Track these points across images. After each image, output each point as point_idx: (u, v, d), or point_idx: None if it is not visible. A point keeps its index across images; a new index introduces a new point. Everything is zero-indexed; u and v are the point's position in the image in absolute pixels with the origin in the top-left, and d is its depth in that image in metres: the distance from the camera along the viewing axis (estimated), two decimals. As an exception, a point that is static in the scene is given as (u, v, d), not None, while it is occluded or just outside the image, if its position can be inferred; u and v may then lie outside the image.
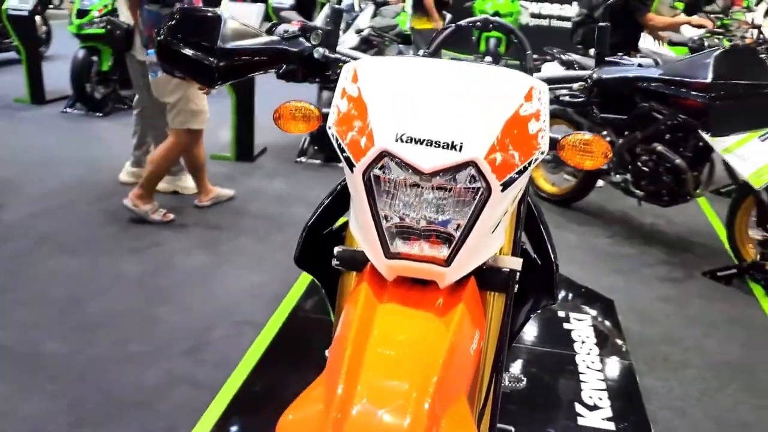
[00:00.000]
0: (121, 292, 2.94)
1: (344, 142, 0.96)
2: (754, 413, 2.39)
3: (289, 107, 1.10)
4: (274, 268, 3.23)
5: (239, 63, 1.18)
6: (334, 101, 1.02)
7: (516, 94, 0.96)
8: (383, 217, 0.94)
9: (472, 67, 1.01)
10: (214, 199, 4.00)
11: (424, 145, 0.90)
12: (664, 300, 3.20)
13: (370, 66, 1.03)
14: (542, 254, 1.28)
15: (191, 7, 1.30)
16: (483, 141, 0.91)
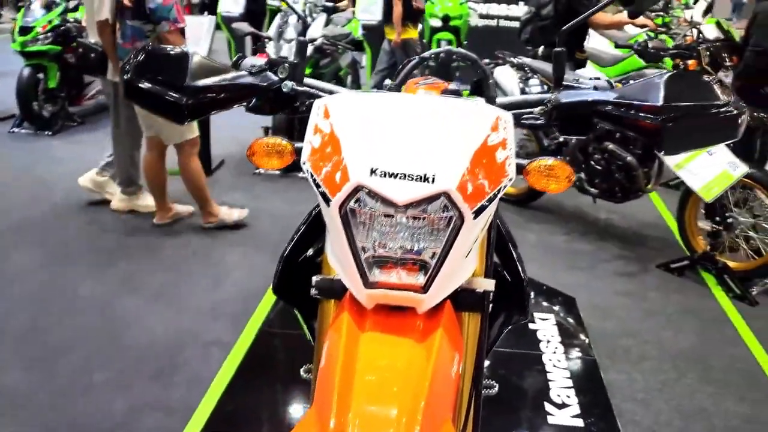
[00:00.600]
0: (82, 317, 2.88)
1: (319, 177, 0.98)
2: (711, 400, 2.50)
3: (262, 143, 1.11)
4: (237, 284, 3.21)
5: (208, 100, 1.18)
6: (306, 137, 1.04)
7: (483, 125, 1.00)
8: (361, 249, 0.97)
9: (440, 101, 1.05)
10: (174, 217, 3.95)
11: (398, 178, 0.93)
12: (622, 294, 3.31)
13: (341, 102, 1.05)
14: (511, 271, 1.32)
15: (156, 45, 1.29)
16: (454, 172, 0.94)
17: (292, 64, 1.26)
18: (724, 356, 2.81)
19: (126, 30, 3.46)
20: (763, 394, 2.55)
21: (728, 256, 3.49)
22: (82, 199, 4.21)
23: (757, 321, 3.08)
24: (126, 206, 4.06)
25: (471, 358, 1.14)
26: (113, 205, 4.08)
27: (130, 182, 4.03)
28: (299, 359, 2.46)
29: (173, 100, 1.15)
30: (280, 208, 4.20)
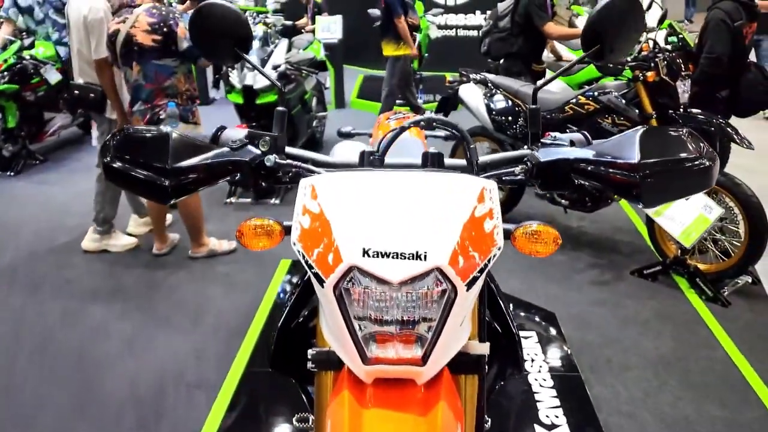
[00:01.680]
0: (56, 370, 2.81)
1: (311, 259, 0.98)
2: (693, 406, 2.55)
3: (250, 226, 1.12)
4: (215, 323, 3.18)
5: (191, 180, 1.17)
6: (295, 217, 1.05)
7: (469, 197, 1.02)
8: (357, 327, 0.98)
9: (425, 177, 1.06)
10: (171, 245, 4.02)
11: (391, 257, 0.94)
12: (598, 304, 3.36)
13: (328, 182, 1.07)
14: (502, 325, 1.34)
15: (135, 127, 1.27)
16: (445, 247, 0.95)
17: (273, 136, 1.26)
18: (702, 359, 2.87)
19: (148, 71, 3.46)
20: (741, 396, 2.62)
21: (698, 259, 3.58)
22: (50, 241, 4.13)
23: (730, 322, 3.16)
24: (98, 246, 4.00)
25: (471, 419, 1.16)
26: (84, 245, 4.01)
27: (104, 221, 3.98)
28: (288, 401, 2.48)
29: (157, 183, 1.14)
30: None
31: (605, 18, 1.26)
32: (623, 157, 1.12)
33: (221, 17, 1.30)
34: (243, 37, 1.33)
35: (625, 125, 3.68)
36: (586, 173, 1.17)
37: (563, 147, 1.24)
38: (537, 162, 1.21)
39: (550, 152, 1.23)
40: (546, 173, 1.21)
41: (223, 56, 1.35)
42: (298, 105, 5.26)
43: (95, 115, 3.97)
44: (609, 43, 1.27)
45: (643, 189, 1.10)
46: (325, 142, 6.51)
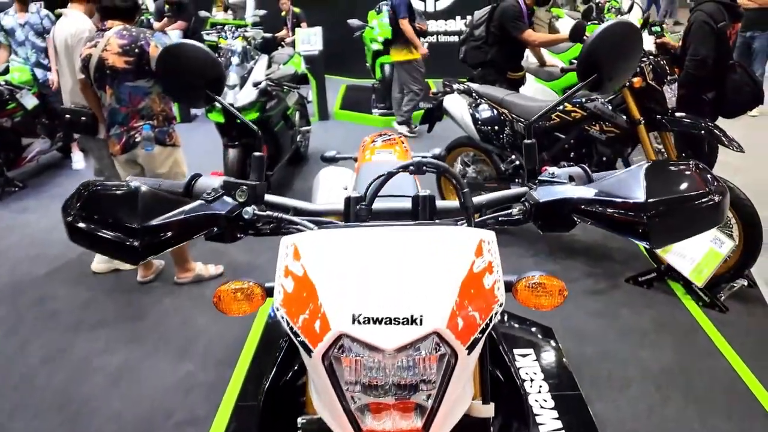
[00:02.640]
0: (39, 410, 2.70)
1: (296, 326, 0.90)
2: (699, 420, 2.49)
3: (228, 290, 1.04)
4: (204, 353, 3.08)
5: (164, 238, 1.07)
6: (277, 279, 0.97)
7: (466, 252, 0.94)
8: (350, 398, 0.90)
9: (417, 232, 0.98)
10: (155, 272, 3.93)
11: (383, 323, 0.86)
12: (595, 315, 3.30)
13: (311, 241, 0.99)
14: (506, 377, 1.27)
15: (100, 182, 1.18)
16: (442, 309, 0.88)
17: (251, 185, 1.18)
18: (703, 370, 2.82)
19: (122, 93, 3.37)
20: (746, 406, 2.56)
21: (693, 264, 3.53)
22: (31, 272, 4.00)
23: (728, 328, 3.11)
24: (108, 267, 3.98)
25: None
26: (94, 268, 3.98)
27: None
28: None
29: (126, 244, 1.04)
30: (245, 257, 4.07)
31: (602, 45, 1.18)
32: (628, 195, 1.04)
33: (191, 58, 1.22)
34: (215, 78, 1.25)
35: (612, 132, 3.64)
36: (589, 214, 1.09)
37: (563, 184, 1.16)
38: (536, 203, 1.14)
39: (549, 191, 1.15)
40: (546, 214, 1.14)
41: (194, 99, 1.27)
42: (280, 121, 5.17)
43: (88, 139, 3.88)
44: (607, 71, 1.20)
45: (651, 230, 1.02)
46: (310, 156, 6.43)
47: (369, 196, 1.12)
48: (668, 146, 3.58)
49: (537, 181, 1.20)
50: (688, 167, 1.11)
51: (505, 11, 4.54)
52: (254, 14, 8.47)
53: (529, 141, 1.23)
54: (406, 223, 1.09)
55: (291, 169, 5.95)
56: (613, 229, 1.06)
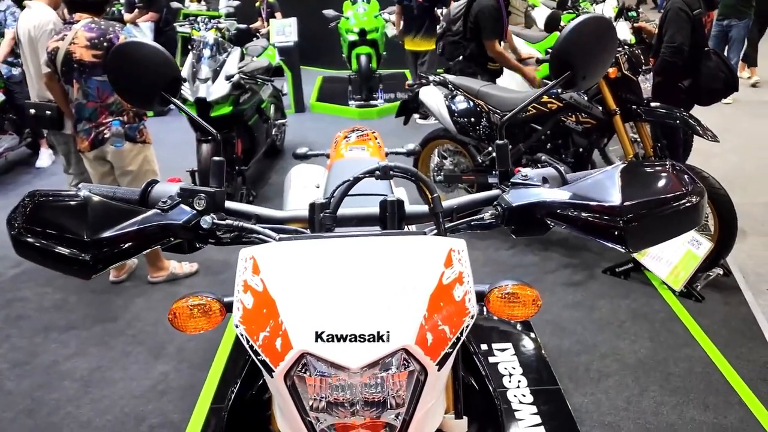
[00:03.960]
0: (6, 418, 2.63)
1: (256, 344, 0.85)
2: (676, 412, 2.49)
3: (184, 306, 0.97)
4: (177, 356, 3.01)
5: (116, 251, 1.01)
6: (236, 294, 0.91)
7: (435, 263, 0.90)
8: (314, 418, 0.85)
9: (381, 242, 0.93)
10: (128, 272, 3.84)
11: (348, 341, 0.81)
12: (572, 307, 3.29)
13: (271, 254, 0.93)
14: (480, 384, 1.23)
15: (47, 192, 1.11)
16: (410, 324, 0.84)
17: (209, 193, 1.12)
18: (680, 360, 2.82)
19: (90, 88, 3.28)
20: (723, 398, 2.57)
21: (669, 253, 3.54)
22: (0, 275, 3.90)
23: (704, 318, 3.13)
24: None
25: None
26: None
27: None
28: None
29: (76, 258, 0.98)
30: (219, 255, 4.00)
31: (574, 42, 1.14)
32: (603, 199, 1.00)
33: (145, 58, 1.15)
34: (171, 80, 1.18)
35: (588, 123, 3.62)
36: (563, 218, 1.05)
37: (536, 187, 1.12)
38: (509, 207, 1.09)
39: (521, 194, 1.10)
40: (519, 218, 1.09)
41: (148, 101, 1.20)
42: (254, 115, 5.09)
43: (54, 134, 3.78)
44: (581, 68, 1.16)
45: (628, 234, 0.98)
46: (286, 149, 6.34)
47: (333, 203, 1.07)
48: (644, 136, 3.58)
49: (509, 184, 1.15)
50: (665, 168, 1.07)
51: (482, 11, 4.45)
52: (228, 5, 8.31)
53: (501, 142, 1.19)
54: (372, 232, 1.04)
55: (267, 162, 5.86)
56: (587, 233, 1.02)
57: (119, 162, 3.41)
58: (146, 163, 3.51)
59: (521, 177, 1.15)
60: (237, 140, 4.82)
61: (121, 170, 3.43)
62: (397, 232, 1.01)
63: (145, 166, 3.50)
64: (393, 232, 1.02)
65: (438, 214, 1.06)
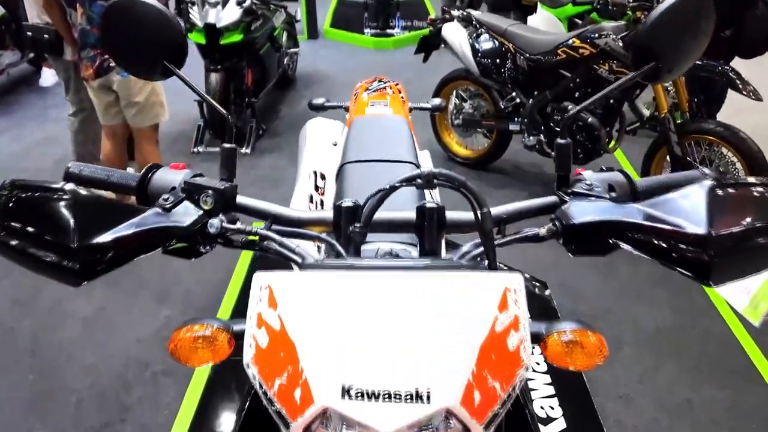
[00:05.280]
0: (7, 361, 2.58)
1: (271, 391, 0.72)
2: (693, 389, 2.42)
3: (188, 338, 0.84)
4: (183, 301, 2.94)
5: (108, 258, 0.86)
6: (248, 328, 0.77)
7: (487, 307, 0.76)
8: None
9: (424, 279, 0.78)
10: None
11: (380, 399, 0.68)
12: (590, 269, 3.18)
13: (292, 286, 0.78)
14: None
15: (26, 183, 0.94)
16: (455, 382, 0.70)
17: (218, 190, 0.96)
18: (699, 332, 2.73)
19: (94, 13, 3.05)
20: (742, 376, 2.49)
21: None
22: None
23: (728, 287, 3.02)
24: None
25: None
26: None
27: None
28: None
29: (62, 265, 0.84)
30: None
31: (664, 26, 0.96)
32: (687, 223, 0.84)
33: (145, 20, 0.97)
34: (175, 47, 1.01)
35: (623, 73, 3.38)
36: (634, 242, 0.90)
37: (602, 200, 0.96)
38: (569, 223, 0.93)
39: (585, 208, 0.94)
40: (579, 238, 0.94)
41: (148, 70, 1.03)
42: (266, 43, 4.83)
43: (54, 60, 3.59)
44: (668, 59, 0.98)
45: (714, 269, 0.83)
46: (298, 78, 6.10)
47: (365, 215, 0.91)
48: (680, 90, 3.35)
49: (570, 192, 0.99)
50: (758, 188, 0.91)
51: None
52: None
53: (562, 141, 1.01)
54: (412, 263, 0.87)
55: (277, 93, 5.64)
56: (663, 262, 0.87)
57: (125, 92, 3.23)
58: (153, 95, 3.33)
59: (585, 186, 0.98)
60: (247, 70, 4.61)
61: (127, 101, 3.26)
62: (442, 264, 0.86)
63: (152, 97, 3.32)
64: (438, 264, 0.87)
65: (488, 233, 0.90)
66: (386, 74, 2.50)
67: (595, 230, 0.91)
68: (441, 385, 0.69)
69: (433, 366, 0.70)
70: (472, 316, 0.74)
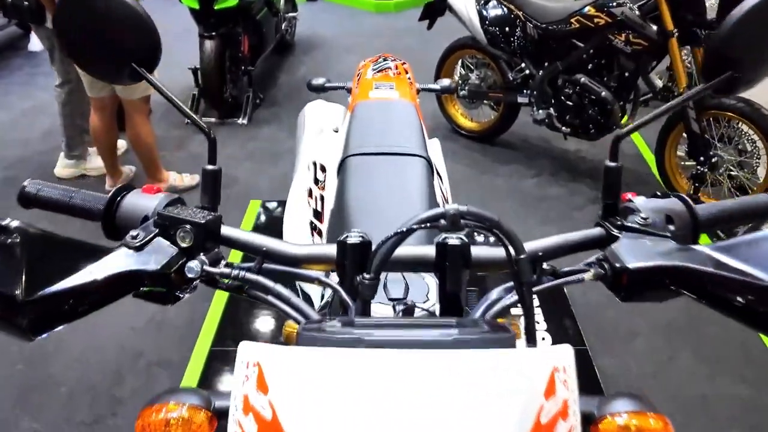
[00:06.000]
0: None
1: None
2: (708, 383, 2.32)
3: (158, 420, 0.70)
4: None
5: (65, 311, 0.71)
6: (233, 413, 0.63)
7: (531, 394, 0.61)
8: None
9: (453, 360, 0.63)
10: (126, 180, 3.59)
11: None
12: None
13: (287, 365, 0.62)
14: None
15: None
16: None
17: (197, 225, 0.77)
18: (716, 322, 2.61)
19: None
20: (761, 371, 2.38)
21: (710, 194, 3.26)
22: (-14, 178, 3.65)
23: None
24: (73, 172, 3.70)
25: None
26: (57, 172, 3.69)
27: (74, 145, 3.64)
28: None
29: (6, 321, 0.68)
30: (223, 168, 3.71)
31: (744, 32, 0.80)
32: (762, 273, 0.70)
33: (110, 15, 0.81)
34: (147, 49, 0.85)
35: (639, 44, 3.20)
36: (705, 295, 0.76)
37: (661, 239, 0.80)
38: (623, 268, 0.77)
39: (640, 249, 0.77)
40: (635, 284, 0.79)
41: (114, 75, 0.87)
42: (263, 7, 4.62)
43: (36, 27, 3.41)
44: (748, 66, 0.82)
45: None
46: (297, 44, 5.87)
47: (375, 264, 0.75)
48: (699, 64, 3.18)
49: (620, 225, 0.84)
50: None
51: None
52: None
53: (612, 164, 0.85)
54: (435, 335, 0.68)
55: (275, 60, 5.43)
56: (734, 316, 0.73)
57: None
58: None
59: (640, 221, 0.82)
60: (243, 36, 4.41)
61: None
62: (474, 338, 0.69)
63: None
64: (469, 337, 0.70)
65: (527, 284, 0.74)
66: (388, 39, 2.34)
67: (653, 279, 0.77)
68: None
69: None
70: (512, 409, 0.60)
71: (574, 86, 3.44)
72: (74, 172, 3.70)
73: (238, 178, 3.59)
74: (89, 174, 3.71)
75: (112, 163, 3.50)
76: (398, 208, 1.28)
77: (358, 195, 1.31)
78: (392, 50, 2.53)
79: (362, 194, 1.31)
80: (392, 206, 1.29)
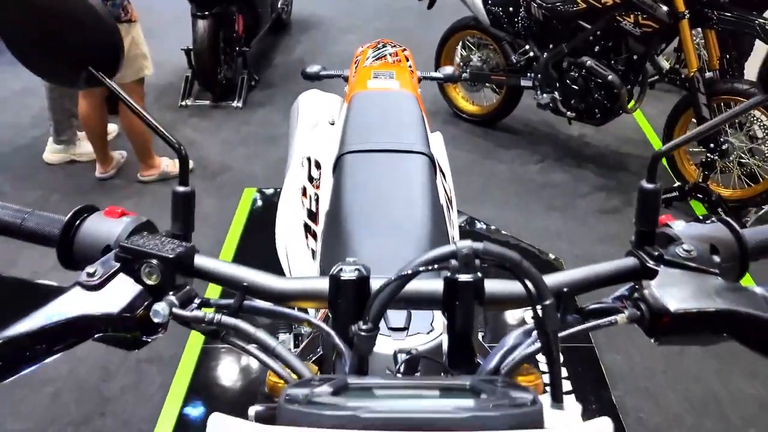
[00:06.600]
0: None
1: None
2: (720, 381, 2.25)
3: None
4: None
5: (18, 357, 0.61)
6: None
7: None
8: None
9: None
10: (117, 167, 3.52)
11: None
12: (606, 241, 2.97)
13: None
14: None
15: None
16: None
17: (165, 259, 0.66)
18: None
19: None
20: (772, 364, 2.32)
21: (720, 182, 3.17)
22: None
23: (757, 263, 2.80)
24: (62, 158, 3.59)
25: None
26: (47, 158, 3.59)
27: (63, 130, 3.53)
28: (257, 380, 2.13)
29: None
30: (216, 154, 3.61)
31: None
32: None
33: (58, 12, 0.69)
34: (103, 48, 0.73)
35: (649, 26, 3.07)
36: (757, 342, 0.66)
37: (706, 276, 0.69)
38: (662, 309, 0.68)
39: (683, 288, 0.64)
40: (674, 328, 0.68)
41: (66, 78, 0.76)
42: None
43: None
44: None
45: None
46: (293, 23, 5.71)
47: (373, 312, 0.64)
48: (711, 46, 3.05)
49: (658, 257, 0.70)
50: None
51: None
52: None
53: (649, 185, 0.73)
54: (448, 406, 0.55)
55: (271, 40, 5.28)
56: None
57: None
58: (134, 46, 3.04)
59: (683, 253, 0.70)
60: (238, 16, 4.26)
61: None
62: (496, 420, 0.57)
63: (133, 49, 3.03)
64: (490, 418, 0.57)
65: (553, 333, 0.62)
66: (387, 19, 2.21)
67: (700, 321, 0.66)
68: None
69: None
70: None
71: (580, 69, 3.32)
72: (63, 157, 3.58)
73: (231, 164, 3.48)
74: (79, 160, 3.59)
75: (102, 149, 3.39)
76: (398, 212, 1.18)
77: (355, 196, 1.21)
78: (391, 30, 2.41)
79: (359, 196, 1.22)
80: (392, 209, 1.19)
